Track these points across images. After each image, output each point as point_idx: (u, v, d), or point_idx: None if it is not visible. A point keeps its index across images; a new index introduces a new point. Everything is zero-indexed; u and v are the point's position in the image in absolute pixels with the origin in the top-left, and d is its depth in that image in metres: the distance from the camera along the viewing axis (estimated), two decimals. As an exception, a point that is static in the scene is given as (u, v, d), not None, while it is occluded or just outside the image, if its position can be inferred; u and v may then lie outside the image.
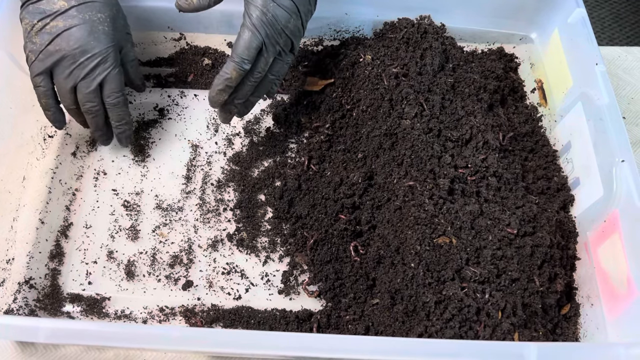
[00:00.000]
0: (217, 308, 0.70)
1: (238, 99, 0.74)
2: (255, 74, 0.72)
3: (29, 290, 0.70)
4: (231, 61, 0.70)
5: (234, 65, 0.70)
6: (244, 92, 0.73)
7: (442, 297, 0.63)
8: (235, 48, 0.70)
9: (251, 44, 0.69)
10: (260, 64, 0.71)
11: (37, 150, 0.78)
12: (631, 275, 0.61)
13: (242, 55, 0.69)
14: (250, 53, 0.69)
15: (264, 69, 0.72)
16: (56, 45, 0.69)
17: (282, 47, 0.72)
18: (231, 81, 0.71)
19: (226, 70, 0.70)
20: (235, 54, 0.70)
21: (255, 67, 0.71)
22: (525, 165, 0.77)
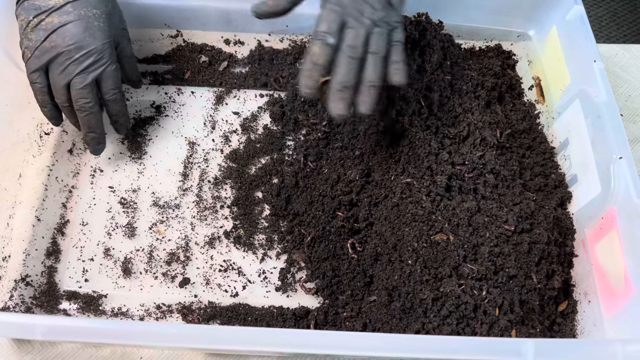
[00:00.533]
0: (214, 305, 0.70)
1: (343, 83, 0.63)
2: (346, 49, 0.63)
3: (25, 288, 0.70)
4: (313, 40, 0.64)
5: (314, 42, 0.63)
6: (344, 73, 0.63)
7: (440, 294, 0.63)
8: (314, 27, 0.64)
9: (329, 16, 0.64)
10: (348, 37, 0.64)
11: (33, 147, 0.78)
12: (629, 272, 0.61)
13: (321, 28, 0.63)
14: (330, 26, 0.63)
15: (355, 44, 0.64)
16: (52, 41, 0.69)
17: (371, 18, 0.64)
18: (316, 57, 0.63)
19: (308, 50, 0.64)
20: (315, 31, 0.64)
21: (343, 41, 0.64)
22: (523, 162, 0.76)
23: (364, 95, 0.64)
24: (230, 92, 0.87)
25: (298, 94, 0.84)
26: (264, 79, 0.87)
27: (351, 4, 0.64)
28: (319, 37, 0.63)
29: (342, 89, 0.63)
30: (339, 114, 0.63)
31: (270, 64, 0.88)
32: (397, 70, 0.66)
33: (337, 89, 0.63)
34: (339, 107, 0.63)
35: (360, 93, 0.64)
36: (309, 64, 0.63)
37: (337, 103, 0.63)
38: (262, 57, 0.88)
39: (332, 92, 0.64)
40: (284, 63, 0.88)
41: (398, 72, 0.66)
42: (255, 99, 0.86)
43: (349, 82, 0.63)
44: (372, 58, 0.65)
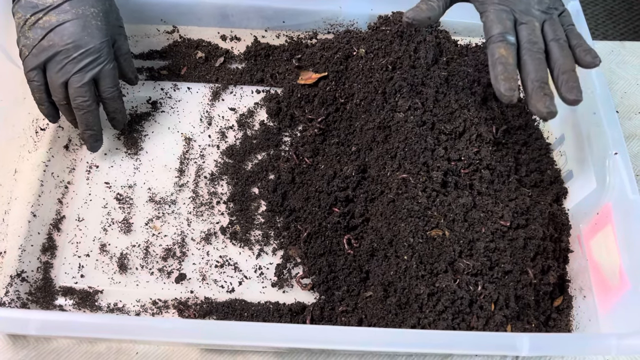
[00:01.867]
0: (210, 301, 0.70)
1: (541, 80, 0.61)
2: (528, 45, 0.62)
3: (20, 284, 0.69)
4: (491, 44, 0.62)
5: (496, 44, 0.62)
6: (537, 69, 0.61)
7: (435, 289, 0.63)
8: (486, 32, 0.63)
9: (499, 16, 0.62)
10: (525, 33, 0.62)
11: (28, 143, 0.78)
12: (623, 267, 0.61)
13: (497, 30, 0.62)
14: (505, 25, 0.62)
15: (535, 39, 0.62)
16: (49, 40, 0.69)
17: (540, 9, 0.64)
18: (505, 57, 0.61)
19: (493, 54, 0.62)
20: (490, 36, 0.63)
21: (522, 38, 0.62)
22: (519, 158, 0.77)
23: (569, 82, 0.61)
24: (226, 88, 0.86)
25: (294, 91, 0.84)
26: (260, 75, 0.87)
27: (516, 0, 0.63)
28: (499, 39, 0.62)
29: (542, 85, 0.60)
30: (550, 111, 0.60)
31: (267, 60, 0.89)
32: (586, 51, 0.63)
33: (537, 86, 0.60)
34: (547, 104, 0.60)
35: (564, 82, 0.61)
36: (500, 67, 0.61)
37: (544, 100, 0.60)
38: (259, 53, 0.88)
39: (532, 92, 0.61)
40: (280, 59, 0.88)
41: (589, 52, 0.63)
42: (252, 95, 0.86)
43: (545, 77, 0.61)
44: (557, 45, 0.63)
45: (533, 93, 0.60)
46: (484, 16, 0.65)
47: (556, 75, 0.62)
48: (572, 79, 0.61)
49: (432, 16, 0.65)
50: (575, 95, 0.60)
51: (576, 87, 0.61)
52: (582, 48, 0.63)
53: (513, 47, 0.62)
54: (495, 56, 0.61)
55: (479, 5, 0.65)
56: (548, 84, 0.61)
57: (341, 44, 0.83)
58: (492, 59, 0.62)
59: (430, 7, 0.65)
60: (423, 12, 0.65)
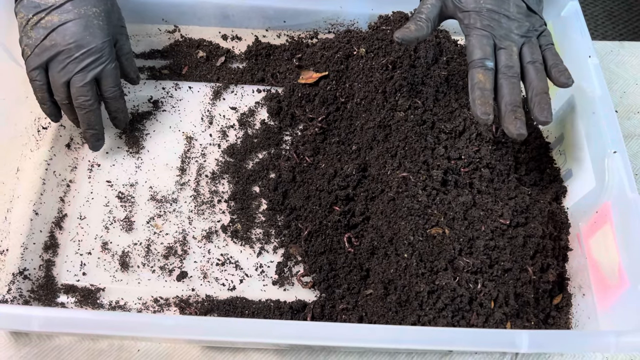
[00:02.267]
0: (212, 299, 0.71)
1: (513, 104, 0.64)
2: (505, 70, 0.65)
3: (23, 281, 0.70)
4: (471, 69, 0.65)
5: (475, 70, 0.65)
6: (510, 93, 0.65)
7: (435, 287, 0.64)
8: (468, 56, 0.66)
9: (480, 42, 0.65)
10: (503, 58, 0.65)
11: (31, 141, 0.78)
12: (622, 265, 0.61)
13: (477, 56, 0.65)
14: (484, 51, 0.65)
15: (512, 63, 0.65)
16: (51, 40, 0.69)
17: (519, 33, 0.67)
18: (482, 83, 0.64)
19: (472, 79, 0.65)
20: (471, 60, 0.65)
21: (499, 63, 0.65)
22: (518, 157, 0.77)
23: (541, 104, 0.65)
24: (227, 87, 0.87)
25: (295, 90, 0.84)
26: (261, 75, 0.88)
27: (497, 25, 0.66)
28: (479, 65, 0.65)
29: (514, 108, 0.64)
30: (520, 133, 0.63)
31: (268, 60, 0.89)
32: (561, 72, 0.67)
33: (510, 110, 0.64)
34: (518, 126, 0.63)
35: (536, 103, 0.65)
36: (478, 92, 0.64)
37: (515, 123, 0.63)
38: (260, 53, 0.89)
39: (505, 114, 0.64)
40: (281, 59, 0.89)
41: (562, 73, 0.67)
42: (253, 94, 0.87)
43: (518, 101, 0.65)
44: (532, 68, 0.66)
45: (505, 116, 0.64)
46: (467, 40, 0.67)
47: (530, 96, 0.66)
48: (543, 101, 0.65)
49: (420, 36, 0.67)
50: (546, 117, 0.65)
51: (547, 108, 0.65)
52: (558, 69, 0.67)
53: (491, 73, 0.65)
54: (474, 80, 0.65)
55: (464, 28, 0.68)
56: (521, 107, 0.65)
57: (342, 43, 0.84)
58: (471, 83, 0.65)
59: (419, 27, 0.68)
60: (411, 32, 0.67)
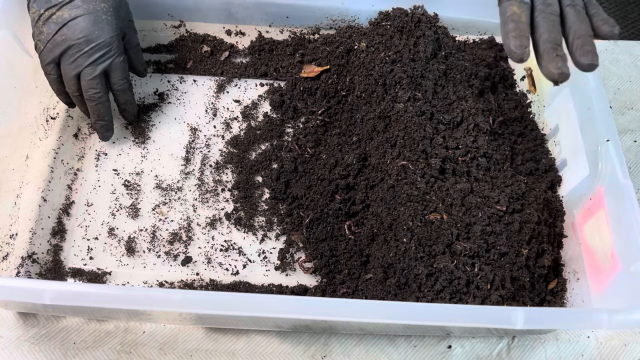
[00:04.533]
0: (216, 283, 0.72)
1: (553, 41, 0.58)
2: (542, 7, 0.59)
3: (31, 265, 0.72)
4: (503, 2, 0.60)
5: (509, 2, 0.60)
6: (551, 30, 0.59)
7: (433, 269, 0.65)
8: None
9: None
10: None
11: (40, 130, 0.80)
12: (615, 248, 0.63)
13: None
14: None
15: (551, 1, 0.60)
16: (62, 34, 0.72)
17: None
18: (517, 15, 0.59)
19: (505, 12, 0.60)
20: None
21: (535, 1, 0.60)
22: (515, 148, 0.79)
23: (585, 47, 0.58)
24: (231, 81, 0.89)
25: (297, 84, 0.86)
26: (264, 69, 0.90)
27: None
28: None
29: (554, 46, 0.58)
30: (562, 72, 0.56)
31: (270, 54, 0.91)
32: (603, 21, 0.60)
33: (550, 47, 0.58)
34: (559, 65, 0.57)
35: (580, 47, 0.58)
36: (512, 24, 0.58)
37: (556, 61, 0.57)
38: (263, 48, 0.91)
39: (544, 52, 0.58)
40: (283, 54, 0.91)
41: (606, 21, 0.60)
42: (256, 87, 0.89)
43: (558, 39, 0.59)
44: (573, 10, 0.60)
45: (545, 54, 0.58)
46: None
47: (571, 40, 0.59)
48: (587, 43, 0.58)
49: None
50: (591, 59, 0.57)
51: (591, 51, 0.58)
52: (600, 17, 0.60)
53: (526, 7, 0.60)
54: (507, 14, 0.60)
55: None
56: (561, 46, 0.59)
57: (343, 38, 0.86)
58: (504, 17, 0.60)
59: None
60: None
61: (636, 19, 2.00)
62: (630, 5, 2.03)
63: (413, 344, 0.71)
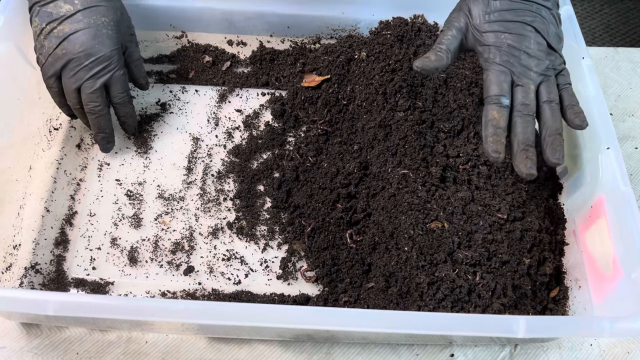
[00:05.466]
0: (218, 292, 0.72)
1: (525, 142, 0.65)
2: (520, 107, 0.66)
3: (34, 275, 0.72)
4: (486, 104, 0.66)
5: (490, 106, 0.65)
6: (524, 132, 0.65)
7: (435, 278, 0.66)
8: (485, 91, 0.67)
9: (498, 78, 0.66)
10: (520, 96, 0.66)
11: (43, 141, 0.81)
12: (617, 256, 0.63)
13: (493, 92, 0.65)
14: (502, 87, 0.65)
15: (528, 101, 0.66)
16: (63, 48, 0.72)
17: (538, 71, 0.67)
18: (496, 121, 0.64)
19: (486, 115, 0.65)
20: (487, 95, 0.66)
21: (515, 100, 0.66)
22: (515, 156, 0.79)
23: (554, 145, 0.65)
24: (233, 90, 0.90)
25: (298, 92, 0.87)
26: (265, 78, 0.90)
27: (516, 61, 0.66)
28: (494, 102, 0.65)
29: (526, 147, 0.65)
30: (530, 173, 0.64)
31: (272, 64, 0.92)
32: (576, 114, 0.67)
33: (522, 149, 0.65)
34: (528, 166, 0.64)
35: (549, 144, 0.65)
36: (491, 129, 0.64)
37: (526, 162, 0.64)
38: (264, 58, 0.92)
39: (517, 153, 0.65)
40: (284, 63, 0.91)
41: (577, 115, 0.67)
42: (257, 97, 0.89)
43: (531, 140, 0.65)
44: (548, 107, 0.66)
45: (517, 154, 0.65)
46: (485, 74, 0.67)
47: (543, 136, 0.66)
48: (556, 142, 0.66)
49: (439, 66, 0.68)
50: (557, 158, 0.65)
51: (559, 150, 0.65)
52: (573, 110, 0.67)
53: (506, 110, 0.65)
54: (488, 117, 0.65)
55: (483, 62, 0.68)
56: (533, 147, 0.65)
57: (343, 48, 0.87)
58: (485, 119, 0.65)
59: (439, 57, 0.68)
60: (431, 62, 0.67)
61: (636, 26, 2.01)
62: (631, 12, 2.03)
63: (415, 352, 0.71)
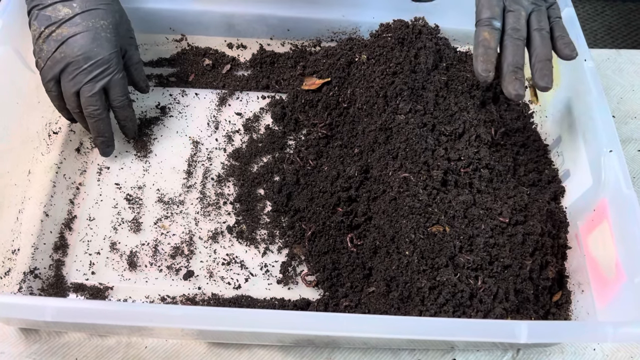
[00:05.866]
0: (218, 297, 0.72)
1: (515, 64, 0.66)
2: (511, 32, 0.67)
3: (33, 280, 0.71)
4: (478, 27, 0.68)
5: (482, 28, 0.67)
6: (514, 54, 0.66)
7: (436, 282, 0.65)
8: (477, 15, 0.68)
9: (490, 1, 0.67)
10: (511, 20, 0.67)
11: (42, 145, 0.80)
12: (619, 260, 0.63)
13: (485, 15, 0.67)
14: (493, 11, 0.67)
15: (519, 26, 0.67)
16: (61, 52, 0.72)
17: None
18: (487, 41, 0.66)
19: (478, 36, 0.67)
20: (479, 19, 0.68)
21: (506, 25, 0.67)
22: (517, 159, 0.79)
23: (543, 70, 0.66)
24: (233, 93, 0.89)
25: (299, 96, 0.86)
26: (265, 82, 0.90)
27: None
28: (485, 24, 0.67)
29: (515, 69, 0.66)
30: (518, 94, 0.65)
31: (272, 67, 0.91)
32: (566, 44, 0.68)
33: (511, 70, 0.66)
34: (516, 87, 0.65)
35: (538, 69, 0.67)
36: (482, 49, 0.66)
37: (514, 84, 0.65)
38: (264, 61, 0.91)
39: (505, 74, 0.66)
40: (285, 66, 0.91)
41: (567, 45, 0.68)
42: (257, 100, 0.89)
43: (520, 63, 0.66)
44: (538, 35, 0.68)
45: (506, 75, 0.66)
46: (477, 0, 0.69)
47: (533, 62, 0.67)
48: (546, 67, 0.67)
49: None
50: (546, 82, 0.66)
51: (548, 75, 0.66)
52: (563, 41, 0.69)
53: (497, 32, 0.67)
54: (479, 38, 0.67)
55: None
56: (522, 69, 0.66)
57: (344, 50, 0.86)
58: (476, 41, 0.67)
59: None
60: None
61: (639, 27, 2.00)
62: (633, 14, 2.03)
63: (417, 357, 0.70)
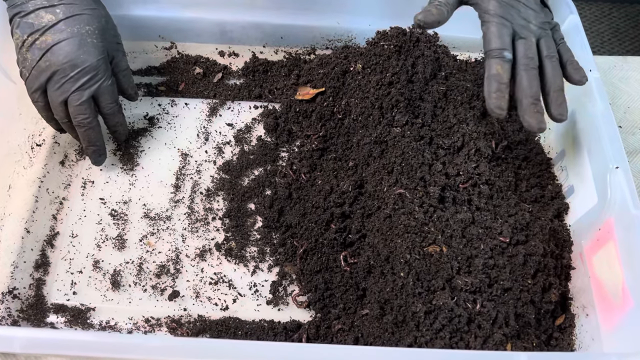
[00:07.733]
0: (204, 319, 0.69)
1: (534, 97, 0.64)
2: (525, 61, 0.64)
3: (12, 301, 0.69)
4: (488, 59, 0.65)
5: (493, 60, 0.64)
6: (531, 86, 0.64)
7: (432, 307, 0.62)
8: (485, 44, 0.65)
9: (499, 31, 0.64)
10: (522, 49, 0.65)
11: (24, 159, 0.78)
12: (626, 284, 0.59)
13: (495, 45, 0.64)
14: (503, 41, 0.64)
15: (532, 54, 0.65)
16: (46, 60, 0.69)
17: (536, 24, 0.66)
18: (499, 76, 0.63)
19: (489, 69, 0.64)
20: (489, 49, 0.65)
21: (518, 53, 0.65)
22: (519, 173, 0.75)
23: (558, 100, 0.65)
24: (224, 103, 0.86)
25: (292, 106, 0.83)
26: (258, 91, 0.87)
27: (516, 13, 0.66)
28: (496, 55, 0.64)
29: (535, 102, 0.64)
30: (540, 127, 0.63)
31: (265, 76, 0.88)
32: (575, 70, 0.67)
33: (530, 102, 0.63)
34: (539, 120, 0.63)
35: (553, 100, 0.65)
36: (495, 85, 0.63)
37: (536, 117, 0.63)
38: (257, 69, 0.88)
39: (526, 108, 0.64)
40: (278, 75, 0.88)
41: (577, 71, 0.67)
42: (249, 110, 0.86)
43: (538, 94, 0.64)
44: (550, 63, 0.66)
45: (528, 109, 0.64)
46: (484, 26, 0.66)
47: (547, 92, 0.66)
48: (560, 97, 0.65)
49: (441, 20, 0.66)
50: (561, 114, 0.65)
51: (563, 104, 0.65)
52: (573, 66, 0.67)
53: (509, 64, 0.64)
54: (491, 71, 0.64)
55: (482, 14, 0.67)
56: (540, 101, 0.65)
57: (339, 59, 0.83)
58: (488, 74, 0.64)
59: (440, 11, 0.66)
60: (433, 15, 0.66)
61: (647, 32, 1.97)
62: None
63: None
